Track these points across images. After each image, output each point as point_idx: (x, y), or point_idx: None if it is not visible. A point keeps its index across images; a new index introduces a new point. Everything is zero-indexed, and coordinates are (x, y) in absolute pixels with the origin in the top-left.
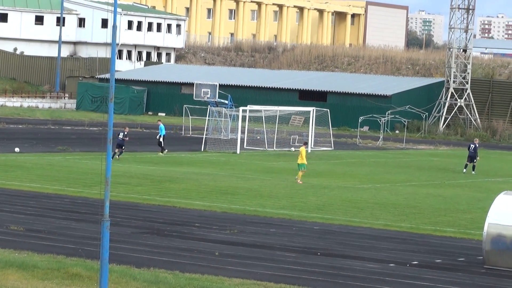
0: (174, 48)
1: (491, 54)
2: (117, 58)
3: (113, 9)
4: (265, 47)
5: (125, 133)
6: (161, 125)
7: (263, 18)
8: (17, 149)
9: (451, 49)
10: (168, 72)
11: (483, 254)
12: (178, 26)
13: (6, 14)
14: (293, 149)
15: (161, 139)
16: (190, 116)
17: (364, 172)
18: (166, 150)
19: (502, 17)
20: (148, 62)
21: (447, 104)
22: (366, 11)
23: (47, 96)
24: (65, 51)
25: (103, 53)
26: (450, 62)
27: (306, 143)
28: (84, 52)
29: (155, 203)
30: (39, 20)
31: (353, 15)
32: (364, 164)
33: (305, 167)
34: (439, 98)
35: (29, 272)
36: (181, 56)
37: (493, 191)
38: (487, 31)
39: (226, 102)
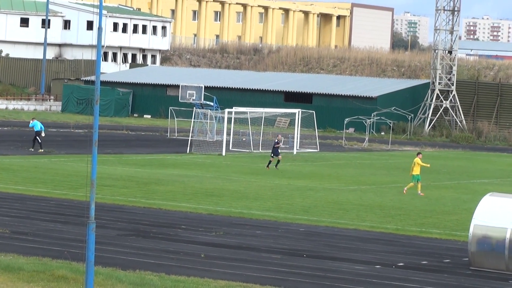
0: (160, 50)
1: (476, 56)
2: (103, 60)
3: (98, 11)
4: (250, 49)
5: (276, 141)
6: (35, 122)
7: (248, 20)
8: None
9: (436, 51)
10: (154, 74)
11: (469, 255)
12: (164, 28)
13: None
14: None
15: (38, 136)
16: (175, 118)
17: (350, 173)
18: (41, 150)
19: (487, 18)
20: (134, 64)
21: (432, 106)
22: (351, 12)
23: (33, 99)
24: (51, 53)
25: (89, 55)
26: (435, 63)
27: (419, 153)
28: (70, 54)
29: (140, 205)
30: (24, 22)
31: (338, 17)
32: (350, 165)
33: (418, 179)
34: (425, 99)
35: (15, 274)
36: (167, 58)
37: (478, 193)
38: (472, 32)
39: (212, 104)
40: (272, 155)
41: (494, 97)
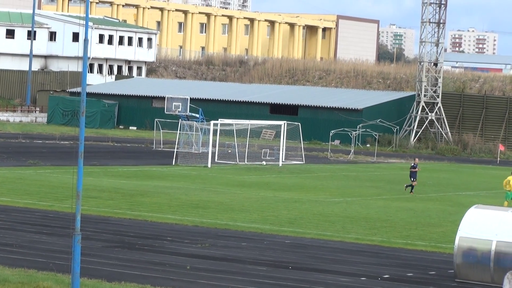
0: (145, 62)
1: (461, 68)
2: (88, 72)
3: (84, 23)
4: (236, 60)
5: (413, 164)
6: None
7: (234, 32)
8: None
9: (422, 63)
10: (139, 85)
11: (454, 267)
12: (149, 39)
13: None
14: (264, 162)
15: None
16: (161, 130)
17: (335, 185)
18: None
19: (473, 31)
20: (119, 75)
21: (418, 118)
22: (337, 24)
23: (18, 110)
24: (36, 65)
25: (74, 67)
26: (421, 75)
27: None
28: (55, 66)
29: (126, 217)
30: (10, 33)
31: (324, 29)
32: (335, 177)
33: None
34: (410, 111)
35: (0, 286)
36: (152, 69)
37: (464, 205)
38: (457, 45)
39: (197, 116)
40: (412, 179)
41: (480, 109)
